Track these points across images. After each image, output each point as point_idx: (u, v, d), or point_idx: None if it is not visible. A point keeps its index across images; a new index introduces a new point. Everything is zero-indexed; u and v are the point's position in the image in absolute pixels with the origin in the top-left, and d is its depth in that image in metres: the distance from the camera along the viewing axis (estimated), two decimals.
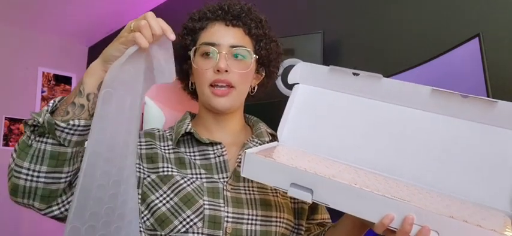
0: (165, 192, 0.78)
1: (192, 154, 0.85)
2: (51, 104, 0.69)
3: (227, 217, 0.77)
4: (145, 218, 0.78)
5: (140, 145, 0.84)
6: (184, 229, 0.75)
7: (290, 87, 0.87)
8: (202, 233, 0.75)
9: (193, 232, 0.75)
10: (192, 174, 0.81)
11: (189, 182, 0.79)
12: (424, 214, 0.57)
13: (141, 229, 0.78)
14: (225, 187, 0.80)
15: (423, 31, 1.49)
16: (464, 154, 0.70)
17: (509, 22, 1.25)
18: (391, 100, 0.76)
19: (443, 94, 0.71)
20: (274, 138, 0.89)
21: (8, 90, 3.42)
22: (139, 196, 0.79)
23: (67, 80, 3.80)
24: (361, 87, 0.78)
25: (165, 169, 0.81)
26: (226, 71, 0.82)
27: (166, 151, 0.85)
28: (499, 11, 1.28)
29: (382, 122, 0.76)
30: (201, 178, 0.81)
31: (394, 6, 1.60)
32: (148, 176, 0.80)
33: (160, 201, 0.77)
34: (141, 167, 0.82)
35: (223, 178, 0.82)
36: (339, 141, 0.79)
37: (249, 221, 0.78)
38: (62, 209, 0.71)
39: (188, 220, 0.75)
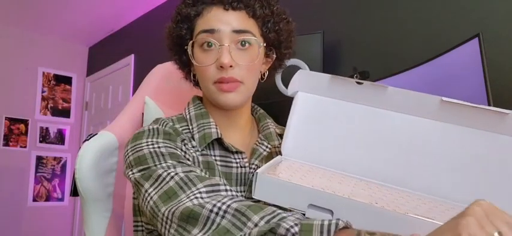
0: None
1: (214, 157, 0.77)
2: None
3: None
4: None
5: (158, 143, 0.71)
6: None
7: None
8: None
9: None
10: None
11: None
12: None
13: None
14: None
15: (423, 31, 1.49)
16: (475, 165, 0.67)
17: (509, 22, 1.25)
18: (398, 110, 0.73)
19: (453, 105, 0.68)
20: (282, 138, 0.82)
21: (8, 90, 3.42)
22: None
23: (67, 80, 3.81)
24: (365, 96, 0.74)
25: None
26: (231, 66, 0.72)
27: (192, 153, 0.75)
28: (499, 11, 1.28)
29: (389, 132, 0.73)
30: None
31: (394, 6, 1.60)
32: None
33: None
34: None
35: (241, 191, 0.76)
36: (347, 153, 0.74)
37: None
38: None
39: None
